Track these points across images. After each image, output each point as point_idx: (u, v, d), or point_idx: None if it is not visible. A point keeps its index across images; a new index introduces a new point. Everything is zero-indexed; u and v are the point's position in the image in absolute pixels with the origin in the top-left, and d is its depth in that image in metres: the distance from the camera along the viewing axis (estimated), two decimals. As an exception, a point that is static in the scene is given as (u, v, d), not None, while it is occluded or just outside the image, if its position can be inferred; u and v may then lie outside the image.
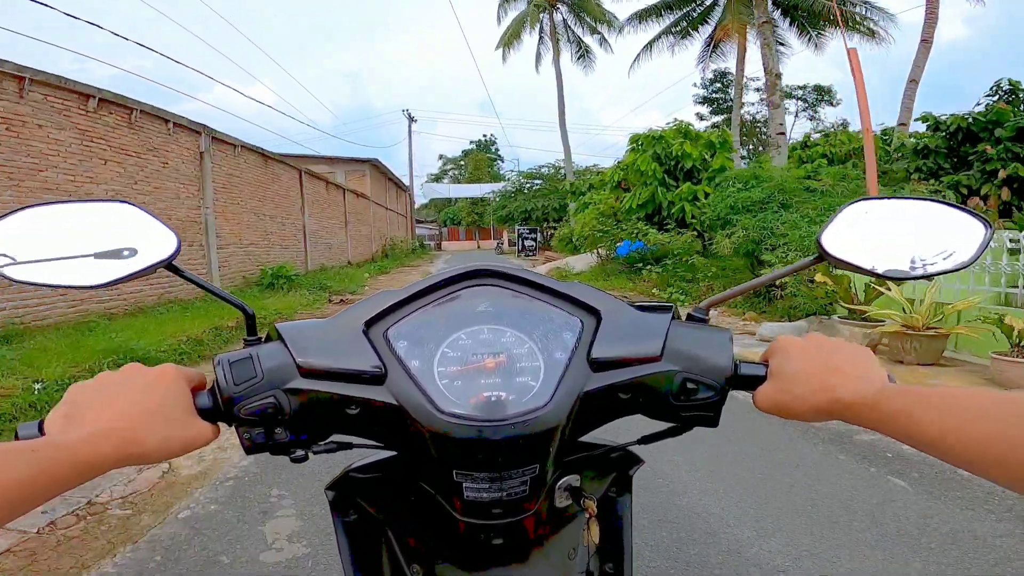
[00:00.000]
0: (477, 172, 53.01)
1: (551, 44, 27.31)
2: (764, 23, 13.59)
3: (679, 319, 0.58)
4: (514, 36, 27.41)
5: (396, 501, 0.62)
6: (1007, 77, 9.91)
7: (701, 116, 33.29)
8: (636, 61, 22.40)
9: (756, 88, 31.10)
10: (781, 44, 19.23)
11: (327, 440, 0.56)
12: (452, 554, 0.60)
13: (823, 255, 0.58)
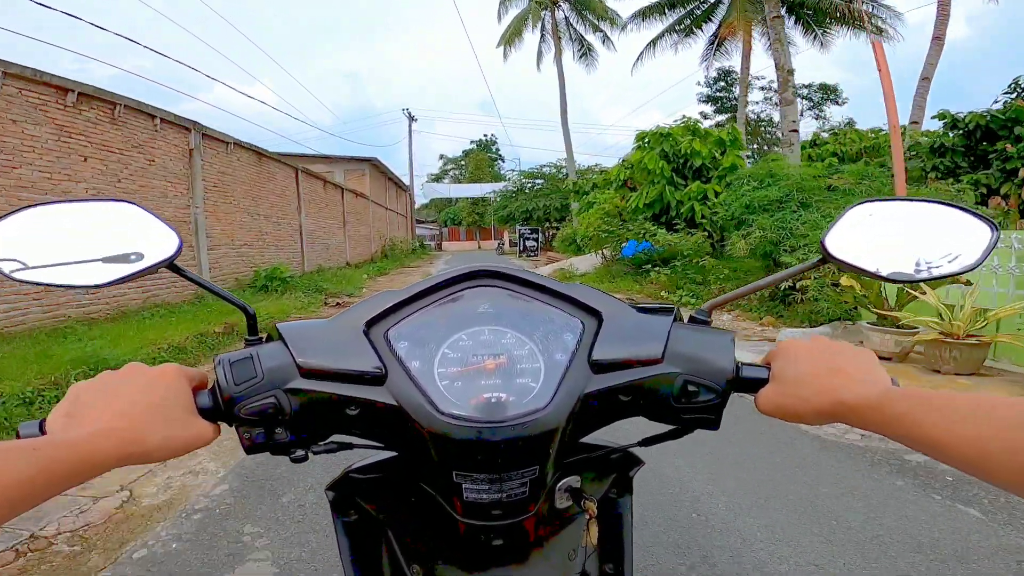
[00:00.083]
0: (478, 172, 52.66)
1: (553, 42, 26.86)
2: (775, 18, 13.23)
3: (681, 321, 0.58)
4: (515, 34, 27.04)
5: (396, 502, 0.62)
6: (1025, 75, 9.69)
7: (705, 115, 32.73)
8: (639, 59, 22.12)
9: (761, 87, 30.86)
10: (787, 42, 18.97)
11: (327, 440, 0.56)
12: (452, 555, 0.59)
13: (827, 257, 0.57)
